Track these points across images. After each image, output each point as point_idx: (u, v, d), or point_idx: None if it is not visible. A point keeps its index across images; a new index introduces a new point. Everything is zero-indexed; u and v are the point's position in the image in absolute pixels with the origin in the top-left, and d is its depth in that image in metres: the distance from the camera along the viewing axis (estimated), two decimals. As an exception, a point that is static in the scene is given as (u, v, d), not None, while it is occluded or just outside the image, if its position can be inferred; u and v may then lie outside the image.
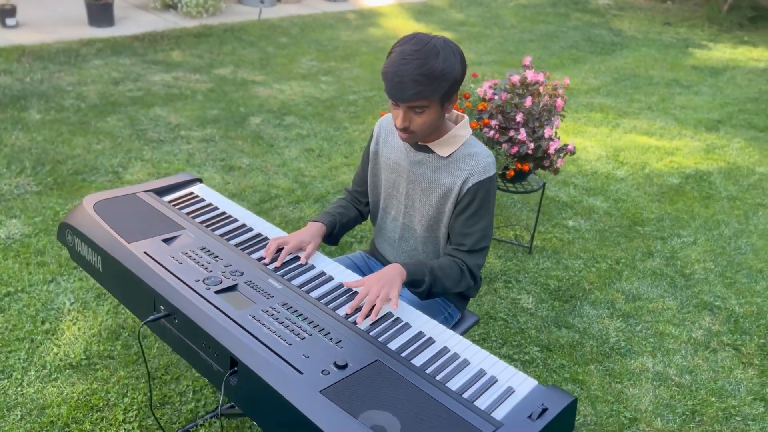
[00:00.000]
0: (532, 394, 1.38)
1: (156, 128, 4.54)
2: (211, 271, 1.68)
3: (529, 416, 1.31)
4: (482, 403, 1.36)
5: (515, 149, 2.93)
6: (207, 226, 1.93)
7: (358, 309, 1.60)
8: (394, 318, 1.60)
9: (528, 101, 2.91)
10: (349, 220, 2.08)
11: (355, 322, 1.56)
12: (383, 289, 1.63)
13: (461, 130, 1.83)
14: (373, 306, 1.59)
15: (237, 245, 1.85)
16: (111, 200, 1.99)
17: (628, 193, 4.28)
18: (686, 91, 6.80)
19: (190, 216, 1.98)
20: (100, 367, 2.43)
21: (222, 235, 1.90)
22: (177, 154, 4.17)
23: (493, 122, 2.96)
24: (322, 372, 1.36)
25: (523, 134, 2.88)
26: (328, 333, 1.49)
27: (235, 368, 1.43)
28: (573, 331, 2.87)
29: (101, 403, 2.27)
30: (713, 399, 2.53)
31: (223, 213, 2.03)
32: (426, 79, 1.60)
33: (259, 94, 5.46)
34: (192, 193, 2.14)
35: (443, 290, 1.82)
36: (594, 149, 4.97)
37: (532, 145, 2.91)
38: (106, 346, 2.53)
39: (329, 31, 7.83)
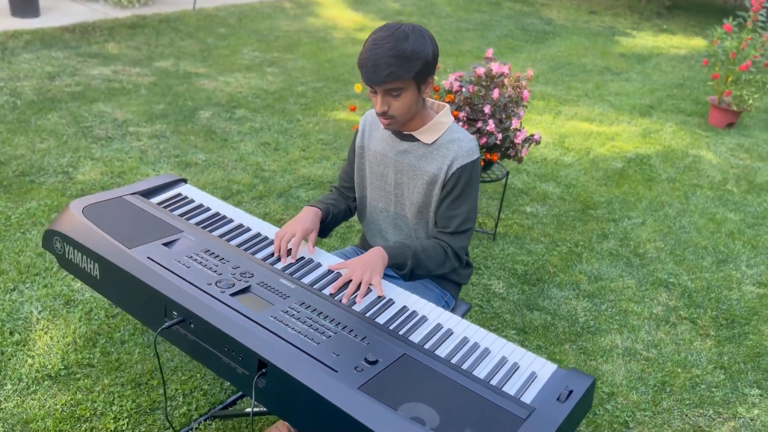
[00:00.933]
0: (554, 378, 1.46)
1: (102, 125, 4.36)
2: (221, 274, 1.66)
3: (558, 398, 1.38)
4: (510, 388, 1.42)
5: (484, 140, 3.01)
6: (204, 228, 1.90)
7: (342, 289, 1.67)
8: (410, 311, 1.64)
9: (495, 93, 2.99)
10: (340, 212, 2.09)
11: (340, 300, 1.62)
12: (366, 273, 1.68)
13: (443, 117, 1.89)
14: (358, 288, 1.66)
15: (238, 246, 1.83)
16: (99, 204, 1.93)
17: (577, 178, 4.46)
18: (618, 78, 7.12)
19: (184, 218, 1.94)
20: (81, 377, 2.35)
21: (221, 236, 1.87)
22: (128, 152, 4.03)
23: (462, 114, 3.03)
24: (355, 369, 1.39)
25: (491, 125, 2.96)
26: (352, 330, 1.51)
27: (263, 370, 1.43)
28: (545, 313, 2.99)
29: (88, 413, 2.20)
30: (679, 370, 2.71)
31: (217, 213, 2.00)
32: (397, 60, 1.65)
33: (204, 86, 5.33)
34: (180, 194, 2.10)
35: (427, 272, 1.88)
36: (541, 136, 5.14)
37: (500, 136, 3.00)
38: (83, 354, 2.44)
39: (268, 21, 7.70)
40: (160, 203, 2.02)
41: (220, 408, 2.30)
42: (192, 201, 2.06)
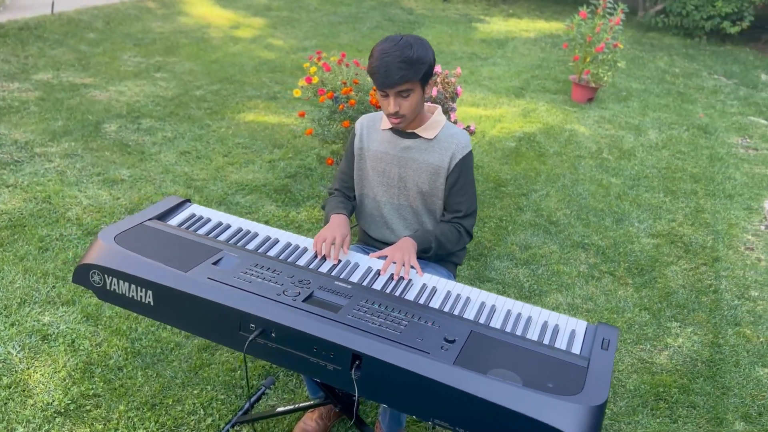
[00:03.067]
0: (589, 332, 1.78)
1: (3, 148, 4.07)
2: (282, 284, 1.79)
3: (602, 348, 1.70)
4: (561, 345, 1.72)
5: (427, 134, 3.29)
6: (237, 244, 2.00)
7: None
8: (454, 294, 1.89)
9: (434, 91, 3.28)
10: (351, 213, 2.29)
11: (392, 278, 1.89)
12: (405, 256, 1.93)
13: (438, 116, 2.16)
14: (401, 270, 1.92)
15: (278, 257, 1.96)
16: (127, 233, 1.95)
17: (482, 160, 4.90)
18: (486, 63, 7.73)
19: (212, 237, 2.03)
20: (91, 407, 2.33)
21: (256, 250, 1.99)
22: (44, 174, 3.82)
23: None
24: (441, 348, 1.61)
25: (433, 120, 3.25)
26: (420, 317, 1.72)
27: (358, 362, 1.61)
28: (495, 283, 3.36)
29: (115, 442, 2.21)
30: (615, 316, 3.20)
31: (240, 229, 2.10)
32: (407, 65, 1.90)
33: (97, 98, 5.10)
34: (193, 214, 2.16)
35: (446, 251, 2.17)
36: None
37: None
38: (85, 385, 2.41)
39: (137, 23, 7.38)
40: (180, 225, 2.08)
41: (241, 413, 2.39)
42: (209, 219, 2.14)
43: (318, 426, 2.32)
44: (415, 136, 2.12)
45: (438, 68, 3.42)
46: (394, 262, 1.93)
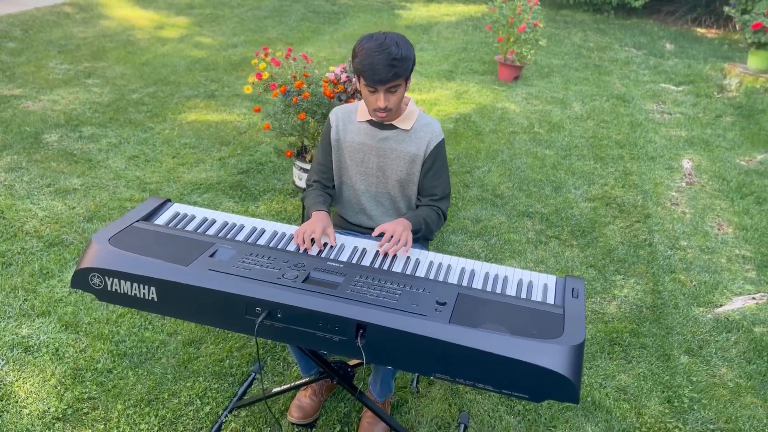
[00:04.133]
0: (559, 284, 2.00)
1: (-58, 166, 3.95)
2: (280, 269, 1.92)
3: (572, 296, 1.93)
4: (537, 298, 1.93)
5: (379, 121, 3.45)
6: (227, 236, 2.11)
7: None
8: (437, 263, 2.07)
9: (383, 79, 3.43)
10: (330, 205, 2.42)
11: (386, 255, 2.05)
12: (403, 232, 2.09)
13: (412, 107, 2.32)
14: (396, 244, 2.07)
15: (268, 245, 2.09)
16: (120, 235, 2.03)
17: (424, 142, 5.10)
18: (414, 49, 7.92)
19: (202, 232, 2.12)
20: (88, 410, 2.39)
21: (247, 240, 2.10)
22: (-8, 190, 3.75)
23: (356, 101, 3.43)
24: (436, 311, 1.79)
25: (384, 107, 3.41)
26: (411, 286, 1.90)
27: (362, 331, 1.76)
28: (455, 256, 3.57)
29: (119, 439, 2.28)
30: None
31: (226, 222, 2.21)
32: (396, 62, 2.05)
33: (30, 108, 4.97)
34: (177, 212, 2.24)
35: (429, 232, 2.34)
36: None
37: (393, 115, 3.47)
38: (78, 390, 2.46)
39: (58, 29, 7.15)
40: (167, 224, 2.16)
41: (236, 399, 2.51)
42: (194, 216, 2.23)
43: (313, 402, 2.46)
44: (393, 127, 2.27)
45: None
46: (392, 236, 2.07)
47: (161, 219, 2.20)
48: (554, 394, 1.69)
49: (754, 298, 3.37)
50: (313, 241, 2.09)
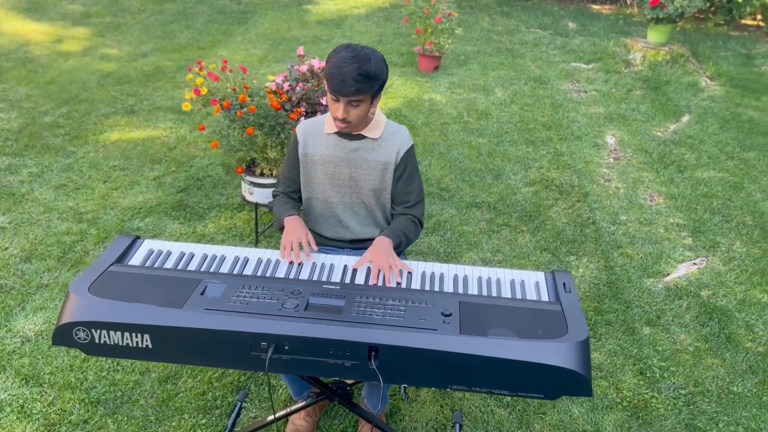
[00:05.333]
0: (549, 279, 2.06)
1: None
2: (278, 299, 1.87)
3: (564, 290, 1.99)
4: (532, 297, 1.99)
5: (327, 128, 3.41)
6: (212, 270, 2.03)
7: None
8: (429, 273, 2.08)
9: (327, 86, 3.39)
10: (299, 211, 2.38)
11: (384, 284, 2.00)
12: (389, 258, 2.07)
13: (380, 116, 2.31)
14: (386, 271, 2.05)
15: (256, 274, 2.03)
16: (97, 282, 1.91)
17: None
18: (330, 45, 7.87)
19: (183, 269, 2.03)
20: (72, 469, 2.24)
21: (233, 272, 2.03)
22: None
23: (302, 109, 3.37)
24: (443, 323, 1.81)
25: (332, 114, 3.37)
26: (412, 301, 1.90)
27: (374, 353, 1.75)
28: (415, 255, 3.61)
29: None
30: (523, 261, 3.59)
31: (205, 255, 2.12)
32: (364, 79, 2.03)
33: (-69, 143, 4.56)
34: (152, 250, 2.13)
35: (408, 242, 2.34)
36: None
37: (341, 121, 3.43)
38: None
39: (-57, 50, 6.57)
40: (143, 264, 2.05)
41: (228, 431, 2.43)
42: (170, 252, 2.13)
43: (308, 423, 2.42)
44: (361, 137, 2.25)
45: (316, 62, 3.53)
46: (381, 267, 2.03)
47: (135, 259, 2.09)
48: (568, 389, 1.75)
49: (695, 264, 3.61)
50: (301, 246, 2.07)
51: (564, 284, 2.02)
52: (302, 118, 3.36)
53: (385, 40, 8.16)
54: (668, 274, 3.52)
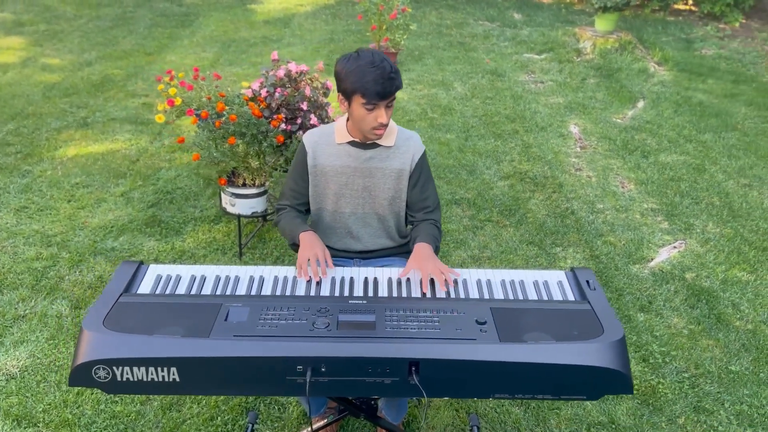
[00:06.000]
0: (570, 277, 2.06)
1: None
2: (306, 320, 1.80)
3: (590, 288, 1.99)
4: (558, 297, 1.98)
5: (309, 133, 3.33)
6: (227, 293, 1.94)
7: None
8: (453, 280, 2.05)
9: (308, 90, 3.30)
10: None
11: (433, 295, 1.96)
12: (436, 264, 2.04)
13: (391, 123, 2.26)
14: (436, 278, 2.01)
15: (274, 294, 1.95)
16: (111, 315, 1.79)
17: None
18: (281, 44, 7.72)
19: (198, 294, 1.94)
20: None
21: (249, 293, 1.95)
22: None
23: (282, 116, 3.27)
24: (481, 331, 1.77)
25: (314, 119, 3.29)
26: (444, 311, 1.86)
27: (414, 368, 1.71)
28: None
29: None
30: (512, 256, 3.60)
31: (218, 276, 2.03)
32: (396, 75, 2.02)
33: None
34: (159, 275, 2.02)
35: (438, 248, 2.29)
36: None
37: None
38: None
39: None
40: (153, 292, 1.94)
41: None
42: (179, 276, 2.02)
43: (327, 441, 2.36)
44: (376, 145, 2.19)
45: (303, 67, 3.44)
46: (432, 274, 1.99)
47: (144, 286, 1.97)
48: (610, 389, 1.75)
49: (675, 247, 3.71)
50: (316, 263, 2.00)
51: (588, 282, 2.02)
52: (282, 125, 3.27)
53: (337, 38, 8.07)
54: (652, 260, 3.61)
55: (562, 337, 1.77)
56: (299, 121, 3.32)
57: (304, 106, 3.29)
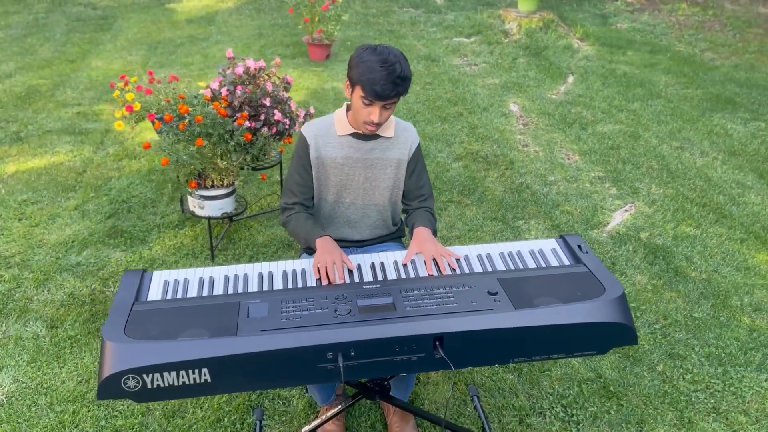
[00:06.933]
0: (562, 243, 2.19)
1: None
2: (328, 308, 1.84)
3: (582, 251, 2.13)
4: (555, 263, 2.11)
5: (274, 129, 3.33)
6: (241, 292, 1.95)
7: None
8: (455, 258, 2.13)
9: (269, 86, 3.29)
10: None
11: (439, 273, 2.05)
12: (437, 247, 2.11)
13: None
14: (436, 259, 2.09)
15: (291, 288, 1.98)
16: (130, 324, 1.77)
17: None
18: (209, 42, 7.55)
19: (210, 294, 1.94)
20: None
21: (262, 289, 1.97)
22: None
23: (246, 113, 3.26)
24: (495, 301, 1.87)
25: (278, 115, 3.29)
26: (455, 286, 1.95)
27: (438, 342, 1.78)
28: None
29: None
30: (479, 233, 3.73)
31: (227, 276, 2.03)
32: (402, 81, 2.04)
33: None
34: (165, 281, 2.01)
35: (435, 233, 2.36)
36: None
37: (288, 121, 3.36)
38: None
39: None
40: (164, 298, 1.93)
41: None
42: (186, 279, 2.01)
43: (337, 427, 2.41)
44: (377, 137, 2.23)
45: (261, 63, 3.43)
46: (434, 256, 2.06)
47: (153, 293, 1.96)
48: (617, 341, 1.89)
49: (626, 210, 3.96)
50: (334, 267, 2.03)
51: (579, 246, 2.15)
52: (247, 122, 3.26)
53: (266, 33, 7.98)
54: (608, 224, 3.83)
55: (569, 299, 1.89)
56: (263, 117, 3.31)
57: (267, 101, 3.29)
